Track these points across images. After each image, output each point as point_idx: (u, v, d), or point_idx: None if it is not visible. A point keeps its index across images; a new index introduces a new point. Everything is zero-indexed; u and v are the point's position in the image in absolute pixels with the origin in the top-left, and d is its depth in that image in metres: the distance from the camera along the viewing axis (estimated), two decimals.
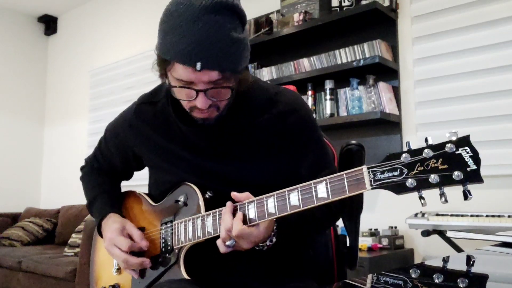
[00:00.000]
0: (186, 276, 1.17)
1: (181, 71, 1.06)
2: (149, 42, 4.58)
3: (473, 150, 0.85)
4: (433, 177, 0.86)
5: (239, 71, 1.11)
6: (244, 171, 1.22)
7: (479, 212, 2.33)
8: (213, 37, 1.03)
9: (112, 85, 5.14)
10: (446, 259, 1.11)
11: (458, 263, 1.09)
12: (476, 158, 0.85)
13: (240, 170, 1.22)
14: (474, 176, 0.84)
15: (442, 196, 0.88)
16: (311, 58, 3.20)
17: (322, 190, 0.99)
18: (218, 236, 1.11)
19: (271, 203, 1.05)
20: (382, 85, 2.95)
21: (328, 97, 3.10)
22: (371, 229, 2.85)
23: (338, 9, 3.13)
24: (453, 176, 0.85)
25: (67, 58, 5.85)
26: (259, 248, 1.13)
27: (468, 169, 0.84)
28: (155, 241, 1.28)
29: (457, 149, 0.85)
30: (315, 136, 1.26)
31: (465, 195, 0.86)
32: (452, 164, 0.85)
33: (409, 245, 2.90)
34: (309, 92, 3.19)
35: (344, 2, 3.12)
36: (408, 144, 0.91)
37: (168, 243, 1.24)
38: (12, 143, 5.68)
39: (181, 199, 1.23)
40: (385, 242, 2.76)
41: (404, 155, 0.89)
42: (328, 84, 3.11)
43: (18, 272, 4.06)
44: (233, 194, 1.10)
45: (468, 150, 0.85)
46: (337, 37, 3.27)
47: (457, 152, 0.85)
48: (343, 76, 3.07)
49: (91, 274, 1.49)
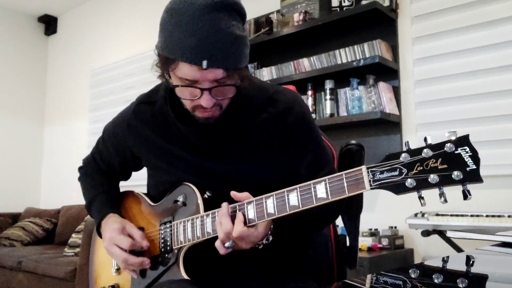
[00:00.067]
0: (186, 276, 1.17)
1: (186, 70, 1.05)
2: (149, 42, 4.58)
3: (473, 150, 0.85)
4: (433, 177, 0.86)
5: (242, 69, 1.11)
6: (243, 171, 1.21)
7: (479, 212, 2.33)
8: (218, 35, 1.03)
9: (112, 85, 5.14)
10: (446, 259, 1.11)
11: (458, 263, 1.09)
12: (476, 158, 0.84)
13: (239, 170, 1.21)
14: (474, 176, 0.84)
15: (442, 196, 0.87)
16: (311, 58, 3.20)
17: (322, 191, 0.99)
18: (218, 237, 1.11)
19: (270, 203, 1.05)
20: (382, 85, 2.95)
21: (328, 97, 3.10)
22: (371, 229, 2.84)
23: (338, 9, 3.13)
24: (453, 176, 0.84)
25: (67, 58, 5.85)
26: (255, 246, 1.12)
27: (468, 169, 0.84)
28: (155, 242, 1.28)
29: (457, 149, 0.85)
30: (314, 135, 1.26)
31: (465, 195, 0.86)
32: (452, 164, 0.85)
33: (409, 245, 2.90)
34: (309, 92, 3.19)
35: (344, 2, 3.12)
36: (408, 144, 0.90)
37: (168, 243, 1.24)
38: (12, 143, 5.68)
39: (180, 199, 1.22)
40: (385, 242, 2.76)
41: (404, 155, 0.89)
42: (328, 84, 3.11)
43: (18, 272, 4.06)
44: (233, 194, 1.10)
45: (468, 150, 0.85)
46: (337, 37, 3.27)
47: (457, 152, 0.85)
48: (343, 76, 3.07)
49: (91, 275, 1.48)
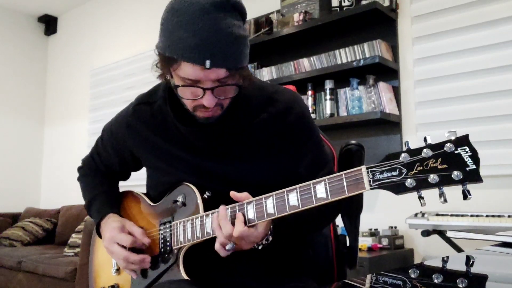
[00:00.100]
0: (185, 277, 1.16)
1: (189, 70, 1.05)
2: (149, 42, 4.58)
3: (472, 150, 0.85)
4: (432, 177, 0.86)
5: (243, 68, 1.11)
6: (243, 171, 1.21)
7: (479, 212, 2.33)
8: (221, 35, 1.03)
9: (112, 85, 5.14)
10: (446, 259, 1.11)
11: (458, 263, 1.09)
12: (476, 158, 0.84)
13: (239, 170, 1.21)
14: (474, 176, 0.84)
15: (442, 196, 0.87)
16: (311, 58, 3.20)
17: (321, 191, 0.99)
18: (217, 237, 1.11)
19: (270, 204, 1.05)
20: (382, 85, 2.95)
21: (328, 97, 3.10)
22: (371, 229, 2.84)
23: (338, 9, 3.13)
24: (453, 176, 0.84)
25: (67, 58, 5.85)
26: (255, 247, 1.12)
27: (468, 169, 0.84)
28: (154, 242, 1.28)
29: (456, 149, 0.85)
30: (314, 135, 1.26)
31: (465, 195, 0.86)
32: (451, 164, 0.85)
33: (409, 245, 2.90)
34: (309, 92, 3.19)
35: (344, 2, 3.12)
36: (407, 144, 0.90)
37: (167, 244, 1.24)
38: (12, 143, 5.68)
39: (180, 199, 1.22)
40: (385, 242, 2.76)
41: (403, 155, 0.89)
42: (328, 84, 3.11)
43: (18, 272, 4.06)
44: (232, 194, 1.10)
45: (467, 150, 0.85)
46: (337, 37, 3.27)
47: (456, 152, 0.85)
48: (343, 76, 3.07)
49: (90, 275, 1.48)
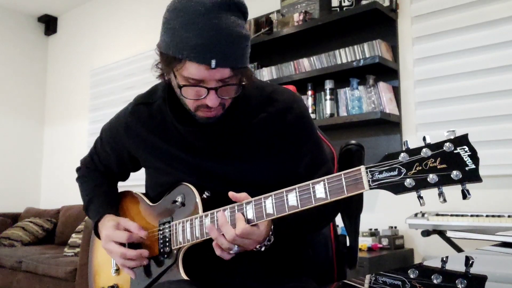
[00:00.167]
0: (185, 277, 1.16)
1: (193, 70, 1.05)
2: (149, 42, 4.58)
3: (472, 149, 0.85)
4: (432, 177, 0.86)
5: (246, 68, 1.12)
6: (243, 171, 1.21)
7: (479, 212, 2.33)
8: (226, 35, 1.03)
9: (112, 85, 5.14)
10: (445, 259, 1.11)
11: (457, 264, 1.09)
12: (475, 157, 0.84)
13: (238, 170, 1.21)
14: (473, 176, 0.84)
15: (441, 196, 0.87)
16: (311, 58, 3.20)
17: (320, 191, 0.98)
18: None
19: (269, 204, 1.05)
20: (382, 85, 2.95)
21: (328, 97, 3.10)
22: (371, 229, 2.84)
23: (338, 9, 3.13)
24: (452, 176, 0.84)
25: (67, 58, 5.85)
26: (258, 249, 1.12)
27: (467, 169, 0.84)
28: (154, 242, 1.28)
29: (456, 148, 0.85)
30: (313, 135, 1.26)
31: (464, 195, 0.86)
32: (451, 164, 0.85)
33: (409, 245, 2.89)
34: (309, 92, 3.19)
35: (344, 2, 3.12)
36: (406, 143, 0.90)
37: (167, 244, 1.24)
38: (12, 143, 5.68)
39: (179, 200, 1.22)
40: (385, 242, 2.76)
41: (402, 155, 0.89)
42: (328, 84, 3.11)
43: (18, 272, 4.06)
44: (231, 194, 1.10)
45: (467, 149, 0.84)
46: (337, 37, 3.27)
47: (456, 151, 0.85)
48: (343, 76, 3.07)
49: (90, 275, 1.48)
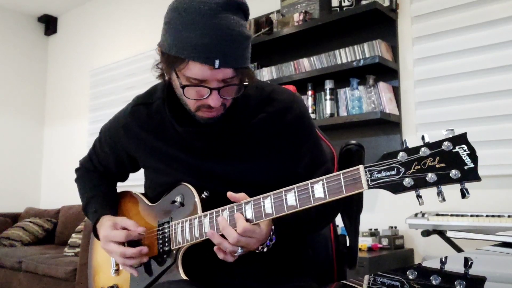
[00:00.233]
0: (184, 277, 1.16)
1: (197, 70, 1.05)
2: (149, 42, 4.58)
3: (470, 148, 0.84)
4: (430, 176, 0.85)
5: (248, 68, 1.12)
6: (242, 171, 1.21)
7: (479, 212, 2.33)
8: (230, 35, 1.03)
9: (112, 85, 5.14)
10: (444, 260, 1.11)
11: (457, 264, 1.08)
12: (474, 156, 0.84)
13: (238, 170, 1.21)
14: (472, 175, 0.84)
15: (440, 195, 0.87)
16: (311, 58, 3.20)
17: (319, 190, 0.98)
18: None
19: (268, 203, 1.05)
20: (382, 85, 2.95)
21: (328, 97, 3.10)
22: (371, 229, 2.84)
23: (338, 9, 3.13)
24: (451, 175, 0.84)
25: (67, 58, 5.85)
26: (260, 251, 1.12)
27: (466, 168, 0.84)
28: (153, 242, 1.27)
29: (454, 147, 0.85)
30: (312, 134, 1.26)
31: (463, 194, 0.85)
32: (449, 163, 0.85)
33: (409, 245, 2.89)
34: (309, 92, 3.19)
35: (344, 2, 3.12)
36: (405, 143, 0.90)
37: (166, 244, 1.23)
38: (12, 143, 5.69)
39: (178, 200, 1.22)
40: (385, 242, 2.76)
41: (401, 154, 0.89)
42: (328, 84, 3.11)
43: (19, 272, 4.06)
44: (229, 195, 1.10)
45: (465, 148, 0.84)
46: (337, 37, 3.27)
47: (454, 150, 0.85)
48: (343, 76, 3.07)
49: (89, 276, 1.48)
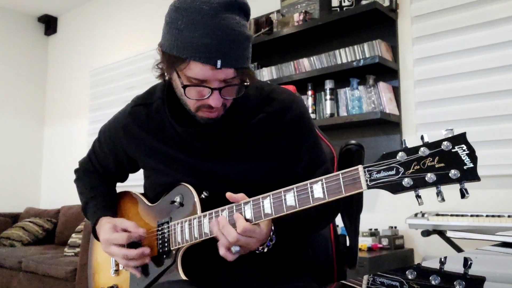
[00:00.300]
0: (184, 277, 1.16)
1: (198, 70, 1.05)
2: (149, 42, 4.58)
3: (470, 148, 0.84)
4: (430, 176, 0.85)
5: (249, 68, 1.12)
6: (242, 172, 1.21)
7: (479, 212, 2.33)
8: (232, 35, 1.03)
9: (112, 85, 5.14)
10: (444, 260, 1.11)
11: (456, 264, 1.08)
12: (473, 156, 0.84)
13: (237, 171, 1.21)
14: (471, 174, 0.84)
15: (439, 195, 0.87)
16: (311, 58, 3.20)
17: (318, 190, 0.98)
18: (215, 237, 1.10)
19: (267, 204, 1.05)
20: (382, 85, 2.95)
21: (328, 97, 3.10)
22: (371, 229, 2.84)
23: (338, 9, 3.13)
24: (450, 175, 0.84)
25: (67, 58, 5.85)
26: (260, 251, 1.12)
27: (465, 167, 0.84)
28: (152, 243, 1.27)
29: (454, 147, 0.85)
30: (312, 134, 1.26)
31: (462, 194, 0.85)
32: (449, 163, 0.85)
33: (409, 245, 2.89)
34: (309, 92, 3.19)
35: (344, 2, 3.12)
36: (404, 142, 0.90)
37: (165, 244, 1.23)
38: (12, 143, 5.69)
39: (177, 200, 1.22)
40: (385, 242, 2.76)
41: (400, 154, 0.88)
42: (328, 84, 3.11)
43: (19, 272, 4.06)
44: (228, 195, 1.09)
45: (465, 148, 0.84)
46: (337, 37, 3.27)
47: (454, 150, 0.84)
48: (343, 76, 3.07)
49: (89, 276, 1.48)
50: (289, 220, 1.14)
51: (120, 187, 1.48)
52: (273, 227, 1.12)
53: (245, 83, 1.12)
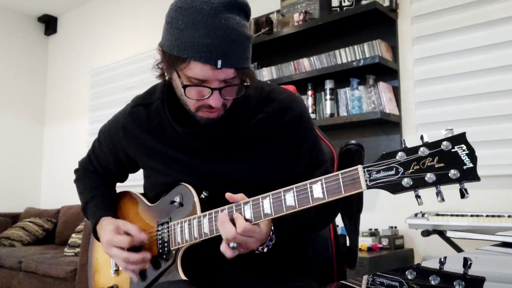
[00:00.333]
0: (184, 277, 1.16)
1: (198, 70, 1.05)
2: (149, 42, 4.59)
3: (469, 148, 0.84)
4: (429, 176, 0.85)
5: (249, 69, 1.12)
6: (241, 172, 1.21)
7: (479, 212, 2.33)
8: (232, 35, 1.03)
9: (112, 85, 5.14)
10: (444, 260, 1.11)
11: (456, 264, 1.08)
12: (473, 156, 0.84)
13: (237, 171, 1.21)
14: (471, 174, 0.83)
15: (439, 195, 0.87)
16: (311, 58, 3.20)
17: (318, 191, 0.98)
18: (215, 237, 1.10)
19: (267, 204, 1.05)
20: (382, 85, 2.95)
21: (328, 97, 3.10)
22: (371, 229, 2.84)
23: (338, 9, 3.13)
24: (450, 175, 0.84)
25: (67, 58, 5.85)
26: (260, 251, 1.12)
27: (465, 167, 0.83)
28: (152, 243, 1.27)
29: (453, 147, 0.84)
30: (311, 134, 1.26)
31: (462, 194, 0.85)
32: (448, 162, 0.85)
33: (409, 245, 2.89)
34: (309, 92, 3.19)
35: (344, 2, 3.12)
36: (404, 142, 0.90)
37: (165, 245, 1.23)
38: (12, 143, 5.69)
39: (177, 200, 1.22)
40: (385, 242, 2.76)
41: (400, 154, 0.88)
42: (328, 84, 3.11)
43: (19, 272, 4.06)
44: (228, 195, 1.09)
45: (464, 148, 0.84)
46: (337, 37, 3.27)
47: (453, 150, 0.84)
48: (343, 76, 3.07)
49: (89, 276, 1.48)
50: (289, 220, 1.14)
51: (120, 187, 1.48)
52: (273, 227, 1.12)
53: (245, 83, 1.12)
